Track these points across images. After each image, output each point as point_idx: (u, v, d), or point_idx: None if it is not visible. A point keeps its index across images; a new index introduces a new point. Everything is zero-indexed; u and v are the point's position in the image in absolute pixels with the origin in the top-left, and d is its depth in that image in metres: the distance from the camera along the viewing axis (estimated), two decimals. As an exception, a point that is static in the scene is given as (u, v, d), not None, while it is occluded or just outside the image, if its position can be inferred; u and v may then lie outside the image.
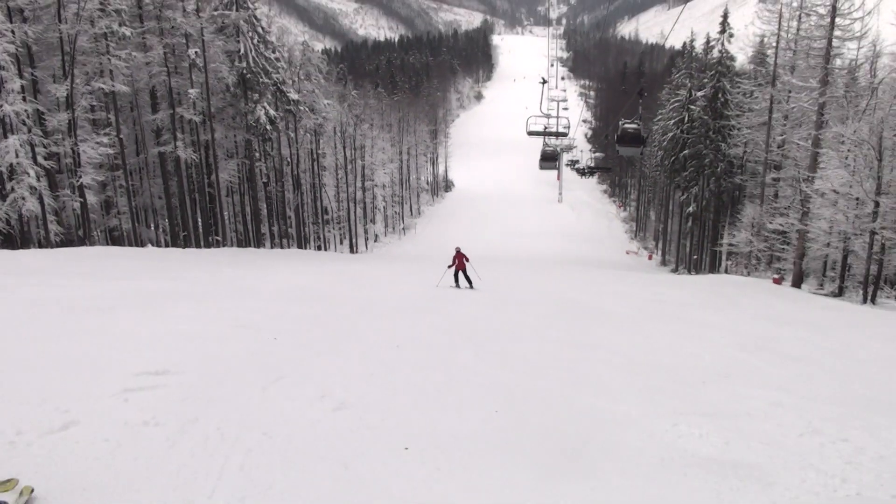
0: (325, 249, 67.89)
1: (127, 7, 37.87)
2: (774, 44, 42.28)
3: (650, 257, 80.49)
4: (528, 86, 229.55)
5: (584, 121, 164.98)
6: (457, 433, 7.60)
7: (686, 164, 57.81)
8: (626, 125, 26.21)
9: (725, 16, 55.69)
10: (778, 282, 35.95)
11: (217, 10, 44.45)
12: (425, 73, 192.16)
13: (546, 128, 39.88)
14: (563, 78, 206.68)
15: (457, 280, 24.34)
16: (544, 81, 40.01)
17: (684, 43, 71.71)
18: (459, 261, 24.00)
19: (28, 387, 7.67)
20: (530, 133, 39.50)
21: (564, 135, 42.10)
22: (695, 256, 62.33)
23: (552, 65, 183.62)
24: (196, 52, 41.08)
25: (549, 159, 45.66)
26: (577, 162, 55.23)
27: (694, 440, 7.84)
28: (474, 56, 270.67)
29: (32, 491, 5.39)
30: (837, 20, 34.00)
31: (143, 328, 11.43)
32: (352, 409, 8.10)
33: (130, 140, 42.62)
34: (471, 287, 24.11)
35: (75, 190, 33.43)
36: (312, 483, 6.00)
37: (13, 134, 29.28)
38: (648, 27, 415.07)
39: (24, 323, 11.35)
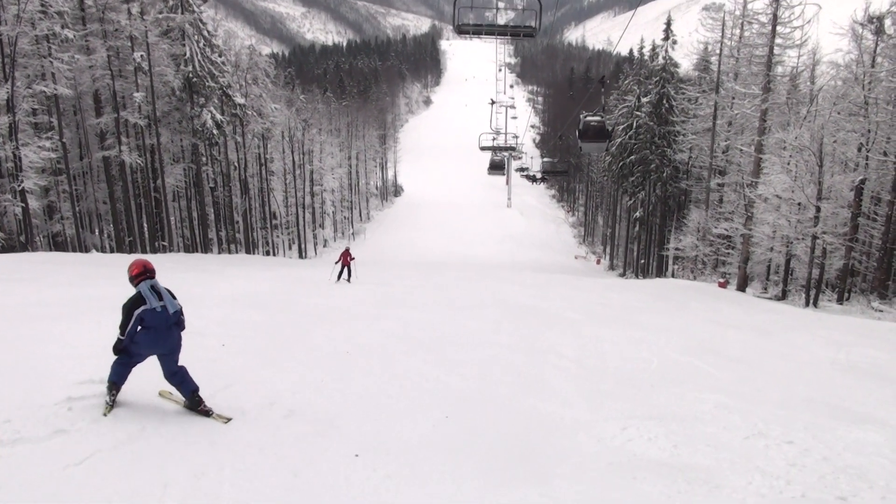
0: (274, 254, 67.29)
1: (69, 9, 37.15)
2: (718, 51, 43.02)
3: (598, 262, 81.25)
4: (475, 87, 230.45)
5: (533, 126, 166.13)
6: (407, 439, 7.58)
7: (633, 169, 58.49)
8: (589, 118, 23.46)
9: (669, 23, 56.47)
10: (723, 286, 36.52)
11: (162, 13, 43.80)
12: (374, 78, 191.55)
13: (495, 140, 41.54)
14: (511, 85, 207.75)
15: (340, 275, 26.70)
16: (493, 102, 41.91)
17: (631, 49, 72.65)
18: (345, 259, 26.55)
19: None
20: (483, 148, 41.33)
21: (513, 148, 43.70)
22: (642, 261, 63.04)
23: (500, 69, 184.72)
24: (141, 56, 40.43)
25: (498, 167, 46.92)
26: (527, 169, 55.44)
27: (643, 444, 7.91)
28: (423, 61, 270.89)
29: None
30: (778, 28, 34.76)
31: (87, 335, 11.17)
32: (301, 417, 8.04)
33: (74, 144, 41.77)
34: (349, 281, 26.53)
35: (17, 195, 32.65)
36: (262, 492, 5.93)
37: (-50, 138, 28.57)
38: (595, 34, 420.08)
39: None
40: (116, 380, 7.42)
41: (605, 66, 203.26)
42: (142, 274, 7.45)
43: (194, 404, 7.67)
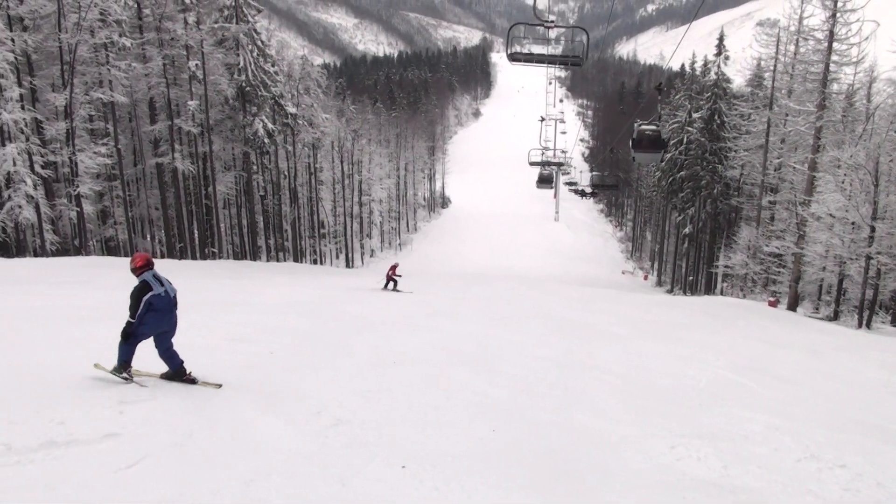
0: (321, 263, 67.78)
1: (127, 18, 37.98)
2: (772, 67, 42.52)
3: (646, 277, 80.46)
4: (525, 99, 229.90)
5: (582, 140, 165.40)
6: (453, 451, 7.56)
7: (683, 185, 57.95)
8: (644, 127, 22.05)
9: (721, 38, 56.04)
10: (773, 304, 35.95)
11: (217, 22, 44.51)
12: (424, 90, 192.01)
13: (543, 154, 42.52)
14: (561, 99, 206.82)
15: (386, 285, 28.60)
16: (542, 119, 42.84)
17: (682, 64, 71.98)
18: (389, 272, 28.80)
19: (21, 397, 7.61)
20: (532, 163, 42.55)
21: (561, 164, 44.59)
22: (690, 277, 62.36)
23: (550, 83, 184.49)
24: (196, 65, 41.11)
25: (547, 181, 47.33)
26: (576, 183, 55.08)
27: (692, 463, 7.81)
28: (473, 73, 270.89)
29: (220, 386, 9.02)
30: (835, 45, 34.20)
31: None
32: (348, 426, 8.07)
33: (128, 150, 42.61)
34: (395, 290, 28.31)
35: (72, 199, 33.38)
36: (310, 500, 5.95)
37: (11, 142, 29.27)
38: (646, 48, 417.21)
39: (17, 331, 11.28)
40: (127, 359, 8.59)
41: (657, 81, 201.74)
42: (145, 265, 8.68)
43: (179, 375, 9.00)
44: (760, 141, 44.25)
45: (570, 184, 55.78)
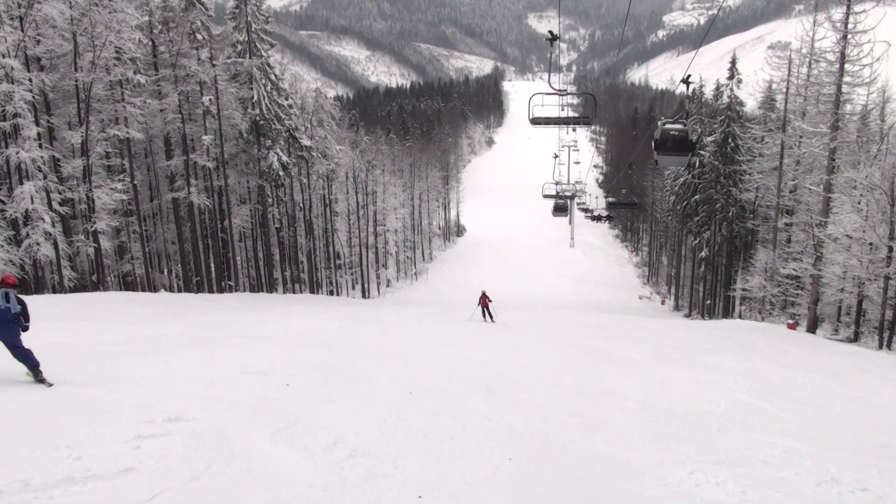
0: (338, 294, 67.93)
1: (142, 55, 38.43)
2: (784, 89, 42.49)
3: (663, 302, 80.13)
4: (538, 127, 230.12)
5: (596, 166, 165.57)
6: (470, 481, 7.53)
7: (697, 209, 57.83)
8: (668, 126, 20.06)
9: (734, 62, 56.09)
10: (792, 327, 35.69)
11: (230, 57, 45.01)
12: (437, 119, 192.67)
13: (558, 186, 43.98)
14: (573, 128, 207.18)
15: (484, 315, 30.33)
16: (556, 156, 44.77)
17: (693, 89, 71.90)
18: (484, 301, 30.55)
19: (41, 433, 7.64)
20: (546, 196, 43.97)
21: (572, 197, 45.88)
22: (708, 301, 62.04)
23: (563, 109, 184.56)
24: (210, 100, 41.52)
25: (562, 210, 48.16)
26: (592, 210, 55.09)
27: (711, 489, 7.75)
28: (485, 102, 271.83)
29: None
30: (847, 66, 34.16)
31: (156, 374, 11.40)
32: (364, 457, 8.06)
33: (144, 186, 42.95)
34: (492, 321, 29.96)
35: (89, 235, 33.61)
36: (325, 533, 5.94)
37: (29, 180, 29.51)
38: (658, 73, 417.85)
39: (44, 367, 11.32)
40: None
41: (669, 106, 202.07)
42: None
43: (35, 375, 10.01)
44: (774, 163, 44.16)
45: (586, 210, 55.78)
